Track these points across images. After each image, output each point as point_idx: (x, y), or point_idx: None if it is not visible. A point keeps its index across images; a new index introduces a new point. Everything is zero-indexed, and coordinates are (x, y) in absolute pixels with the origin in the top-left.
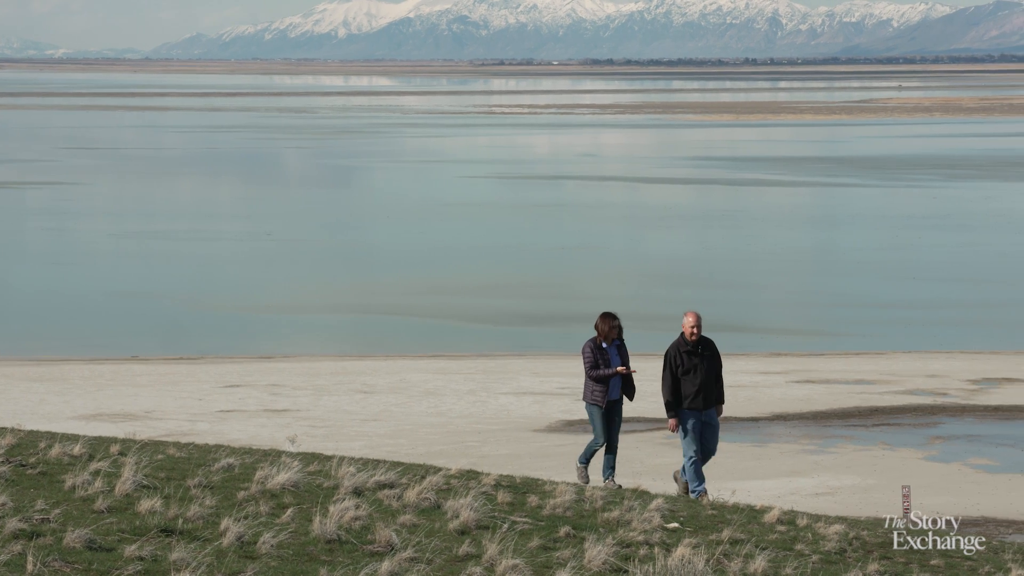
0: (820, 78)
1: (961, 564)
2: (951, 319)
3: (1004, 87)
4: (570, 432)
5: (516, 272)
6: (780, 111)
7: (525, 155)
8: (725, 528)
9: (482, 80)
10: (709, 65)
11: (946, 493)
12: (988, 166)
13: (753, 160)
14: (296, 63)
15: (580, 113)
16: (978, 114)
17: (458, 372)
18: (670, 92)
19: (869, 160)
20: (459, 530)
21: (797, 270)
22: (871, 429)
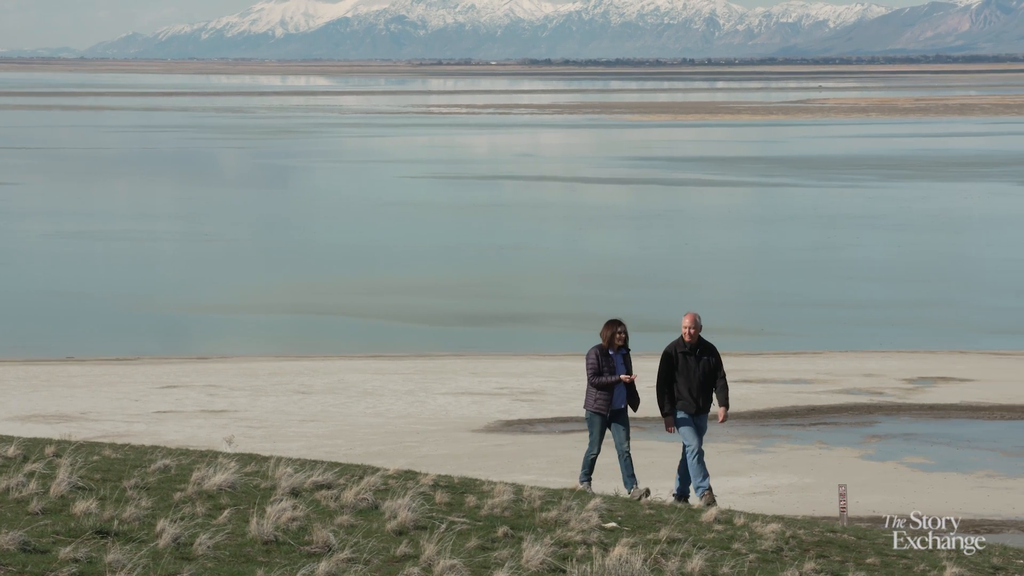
0: (757, 78)
1: (896, 563)
2: (887, 318)
3: (939, 87)
4: (508, 432)
5: (454, 272)
6: (718, 111)
7: (463, 155)
8: (663, 527)
9: (420, 80)
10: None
11: (882, 491)
12: (923, 166)
13: (691, 160)
14: (233, 63)
15: (518, 113)
16: (913, 114)
17: (396, 372)
18: (608, 92)
19: (806, 160)
20: (397, 530)
21: (734, 270)
22: (808, 428)
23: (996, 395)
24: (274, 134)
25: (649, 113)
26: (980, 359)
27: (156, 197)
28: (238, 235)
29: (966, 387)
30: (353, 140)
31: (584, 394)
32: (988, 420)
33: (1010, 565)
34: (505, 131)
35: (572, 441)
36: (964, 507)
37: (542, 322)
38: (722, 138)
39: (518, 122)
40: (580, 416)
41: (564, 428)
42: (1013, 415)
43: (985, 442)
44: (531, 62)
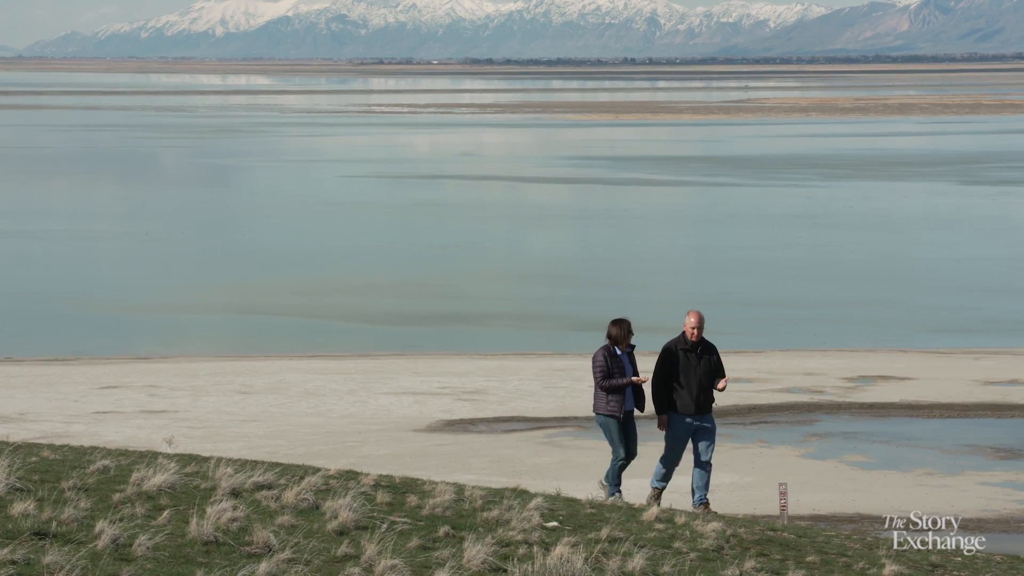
0: (698, 78)
1: (836, 560)
2: (828, 317)
3: (878, 87)
4: (450, 432)
5: (396, 272)
6: (659, 111)
7: (405, 154)
8: (604, 527)
9: (361, 79)
10: (588, 65)
11: (823, 490)
12: (863, 166)
13: (632, 159)
14: (173, 62)
15: (460, 112)
16: (853, 114)
17: (338, 372)
18: (549, 92)
19: (747, 160)
20: (338, 531)
21: (676, 269)
22: (749, 427)
23: (935, 393)
24: (215, 133)
25: (590, 113)
26: (919, 358)
27: (95, 196)
28: (178, 235)
29: (905, 386)
30: (294, 139)
31: (593, 397)
32: (927, 418)
33: (948, 562)
34: (447, 130)
35: (514, 440)
36: (903, 505)
37: (484, 322)
38: (663, 138)
39: (460, 121)
40: (522, 416)
41: (506, 427)
42: (951, 413)
43: (924, 440)
44: (472, 61)
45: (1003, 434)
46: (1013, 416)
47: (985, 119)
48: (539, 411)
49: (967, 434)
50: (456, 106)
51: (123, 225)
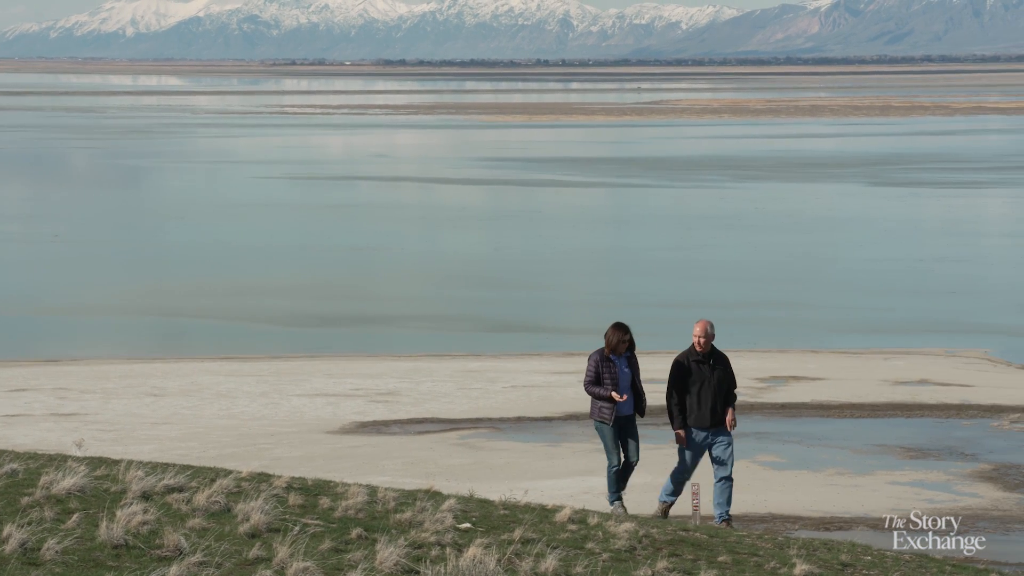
0: (611, 79)
1: (747, 560)
2: (740, 318)
3: (789, 89)
4: (363, 434)
5: (309, 273)
6: (572, 112)
7: (318, 156)
8: (517, 528)
9: (274, 80)
10: (501, 66)
11: (735, 490)
12: (775, 167)
13: (546, 161)
14: (83, 62)
15: (373, 114)
16: (765, 115)
17: (250, 374)
18: (463, 93)
19: (659, 161)
20: (249, 533)
21: (590, 270)
22: (663, 428)
23: (846, 394)
24: (126, 134)
25: (504, 114)
26: (830, 358)
27: (3, 198)
28: (88, 236)
29: (817, 386)
30: (206, 140)
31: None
32: (838, 418)
33: (858, 562)
34: (360, 131)
35: (428, 442)
36: (815, 505)
37: (397, 323)
38: (577, 139)
39: (373, 122)
40: (436, 417)
41: (420, 429)
42: (862, 413)
43: (835, 440)
44: (386, 62)
45: (912, 434)
46: (922, 416)
47: (895, 121)
48: (453, 412)
49: (877, 434)
50: (369, 107)
51: (31, 227)
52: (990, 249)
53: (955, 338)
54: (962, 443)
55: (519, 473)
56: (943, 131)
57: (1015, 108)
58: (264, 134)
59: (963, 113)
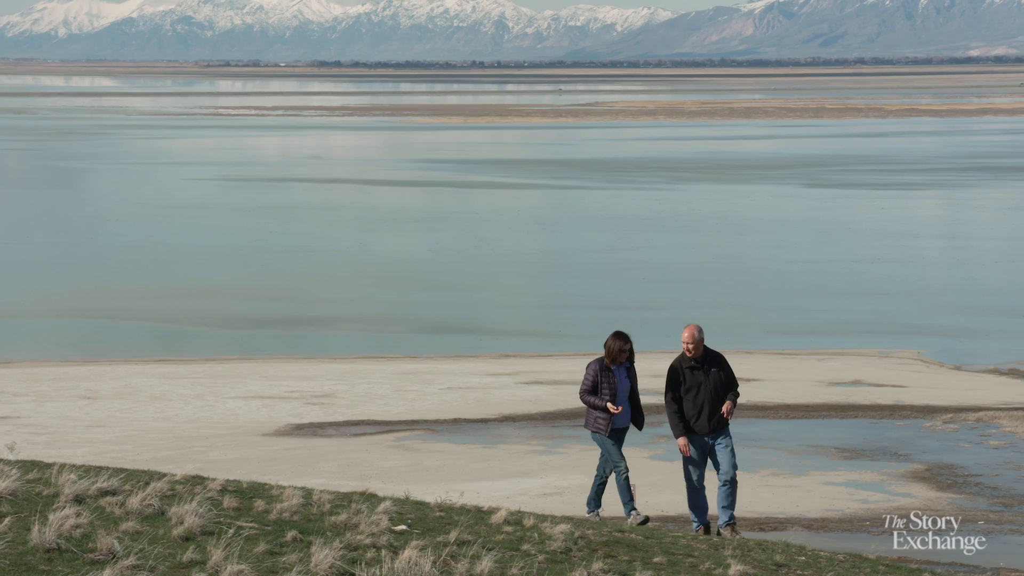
0: (547, 81)
1: (683, 561)
2: (675, 319)
3: (724, 91)
4: (299, 436)
5: (244, 275)
6: (508, 114)
7: (253, 157)
8: (452, 530)
9: (208, 81)
10: (437, 68)
11: (671, 491)
12: (710, 169)
13: (482, 162)
14: (14, 63)
15: (308, 115)
16: (700, 117)
17: (185, 377)
18: (398, 94)
19: (595, 163)
20: (183, 536)
21: (526, 272)
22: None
23: (780, 394)
24: (58, 135)
25: (440, 116)
26: (765, 359)
27: None
28: (20, 238)
29: (751, 387)
30: (140, 142)
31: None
32: (772, 419)
33: (792, 562)
34: (295, 133)
35: (364, 444)
36: (750, 505)
37: (333, 325)
38: (512, 140)
39: (308, 124)
40: (371, 420)
41: (355, 431)
42: (796, 414)
43: (770, 441)
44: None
45: (847, 434)
46: (856, 416)
47: (828, 123)
48: (389, 414)
49: (812, 435)
50: (304, 109)
51: None
52: (923, 250)
53: (889, 339)
54: (896, 444)
55: (455, 475)
56: (876, 133)
57: (947, 110)
58: (198, 136)
59: (896, 115)
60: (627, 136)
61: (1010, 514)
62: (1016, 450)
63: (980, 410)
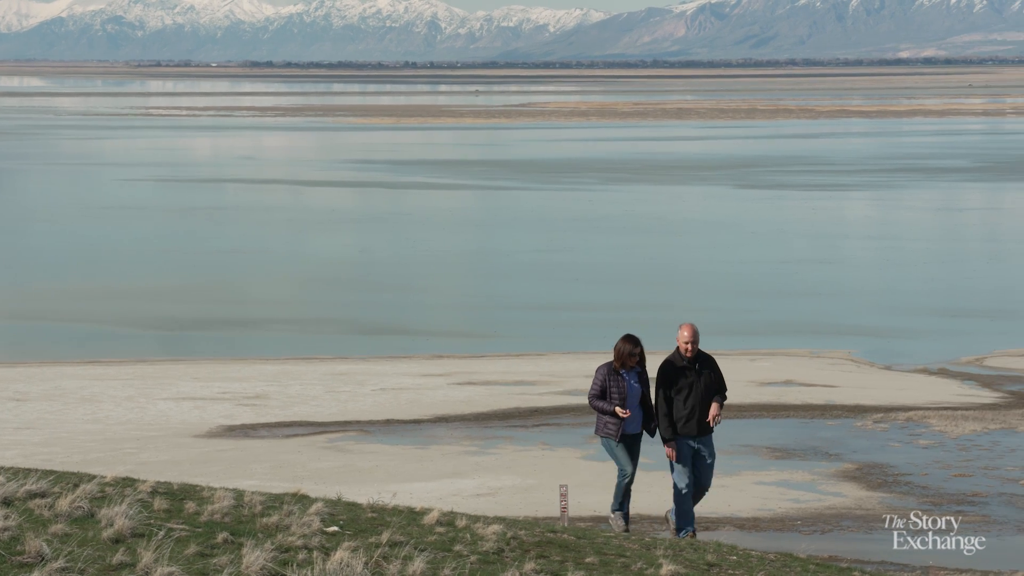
0: (480, 82)
1: (615, 561)
2: (609, 320)
3: (656, 92)
4: (231, 437)
5: (176, 276)
6: (440, 114)
7: (185, 158)
8: (385, 531)
9: (139, 82)
10: (369, 68)
11: (603, 491)
12: (643, 169)
13: (414, 163)
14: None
15: (240, 116)
16: (632, 118)
17: (116, 378)
18: (331, 95)
19: (528, 163)
20: (113, 538)
21: (459, 273)
22: (531, 430)
23: None
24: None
25: (372, 116)
26: None
27: None
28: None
29: None
30: (71, 142)
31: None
32: None
33: (724, 561)
34: (227, 134)
35: (296, 445)
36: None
37: (265, 326)
38: (445, 141)
39: (240, 124)
40: (304, 420)
41: (288, 432)
42: (728, 414)
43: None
44: (252, 64)
45: (778, 434)
46: (788, 416)
47: (760, 124)
48: (321, 415)
49: (744, 434)
50: (236, 109)
51: None
52: (854, 251)
53: (819, 339)
54: (826, 443)
55: (387, 476)
56: (808, 134)
57: (877, 111)
58: (130, 136)
59: (827, 116)
60: (560, 137)
61: (939, 512)
62: (945, 449)
63: (910, 410)
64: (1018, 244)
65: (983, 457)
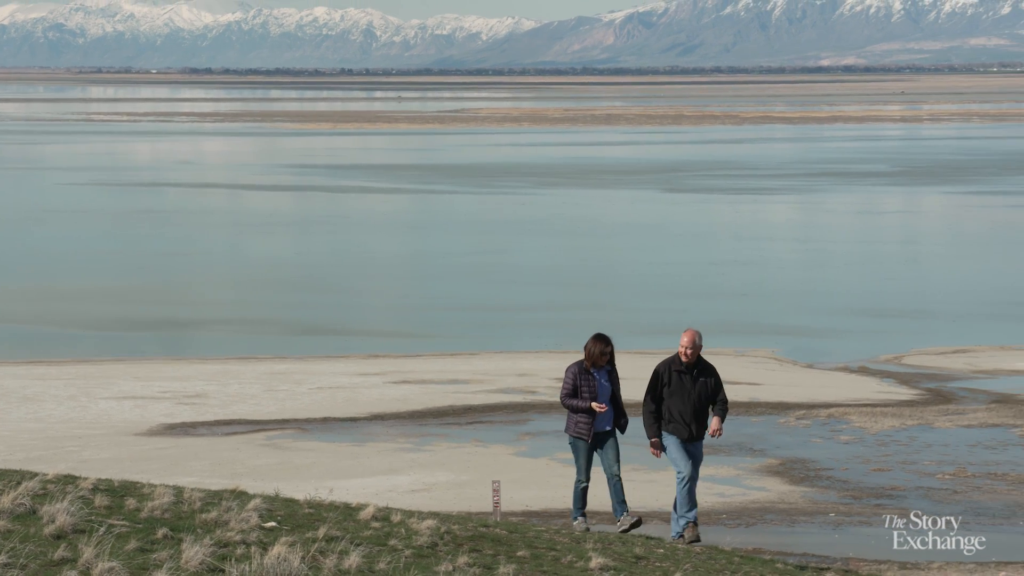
0: (414, 88)
1: (545, 554)
2: (540, 320)
3: (586, 98)
4: (171, 435)
5: (117, 278)
6: (376, 120)
7: (126, 162)
8: (321, 526)
9: (80, 88)
10: (306, 75)
11: (535, 487)
12: (573, 174)
13: (351, 167)
14: None
15: (180, 121)
16: (563, 124)
17: (57, 378)
18: (269, 101)
19: (462, 168)
20: (55, 535)
21: (394, 274)
22: (465, 427)
23: (640, 392)
24: None
25: (310, 122)
26: (625, 358)
27: None
28: None
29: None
30: (12, 147)
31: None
32: (634, 416)
33: (651, 554)
34: (167, 139)
35: (235, 443)
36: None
37: (205, 327)
38: (381, 146)
39: (180, 130)
40: (242, 418)
41: (227, 430)
42: None
43: (631, 437)
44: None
45: None
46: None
47: (687, 129)
48: (260, 414)
49: None
50: (176, 114)
51: None
52: (778, 253)
53: (745, 338)
54: (751, 439)
55: (325, 473)
56: (733, 139)
57: (800, 117)
58: (71, 141)
59: (751, 122)
60: (493, 142)
61: (859, 506)
62: (865, 444)
63: (831, 406)
64: (935, 246)
65: (901, 452)
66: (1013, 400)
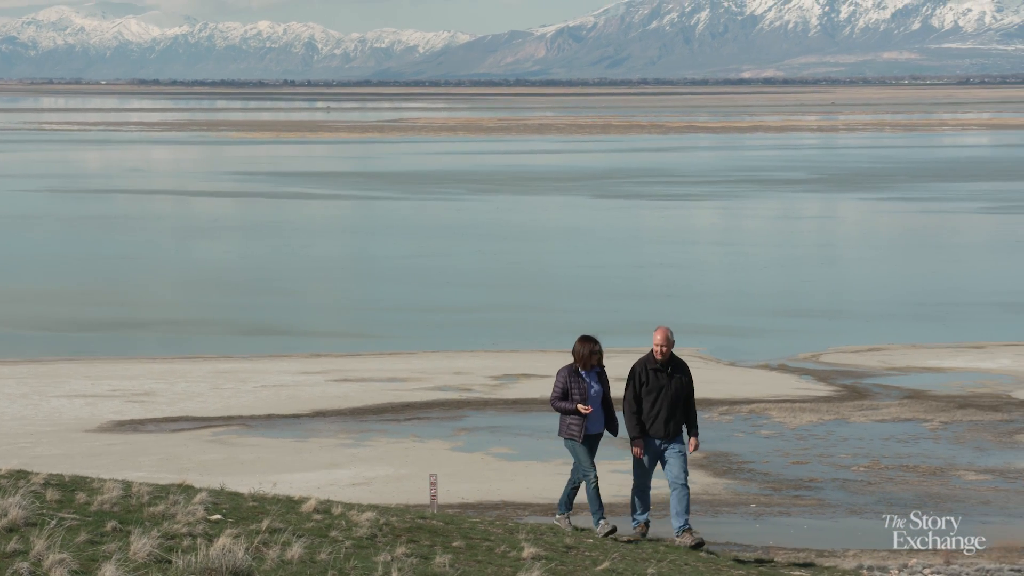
0: (354, 99)
1: (480, 545)
2: (475, 321)
3: (519, 108)
4: (121, 432)
5: (68, 281)
6: (318, 129)
7: (76, 170)
8: (265, 518)
9: (32, 98)
10: (251, 86)
11: (471, 480)
12: (507, 181)
13: (294, 175)
14: None
15: (129, 130)
16: (497, 133)
17: (10, 377)
18: (214, 111)
19: (400, 175)
20: (7, 528)
21: (336, 277)
22: (403, 423)
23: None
24: None
25: (254, 131)
26: (558, 357)
27: None
28: None
29: (545, 383)
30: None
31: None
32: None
33: (581, 544)
34: (116, 147)
35: (182, 439)
36: (543, 492)
37: (153, 327)
38: (322, 154)
39: (128, 139)
40: (189, 415)
41: (174, 427)
42: None
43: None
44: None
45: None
46: None
47: (615, 138)
48: (206, 411)
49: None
50: (125, 124)
51: None
52: (702, 256)
53: None
54: None
55: (268, 467)
56: (659, 148)
57: (722, 127)
58: (22, 149)
59: (676, 132)
60: (430, 150)
61: (779, 497)
62: (784, 439)
63: (753, 403)
64: (850, 250)
65: (819, 446)
66: (924, 396)
